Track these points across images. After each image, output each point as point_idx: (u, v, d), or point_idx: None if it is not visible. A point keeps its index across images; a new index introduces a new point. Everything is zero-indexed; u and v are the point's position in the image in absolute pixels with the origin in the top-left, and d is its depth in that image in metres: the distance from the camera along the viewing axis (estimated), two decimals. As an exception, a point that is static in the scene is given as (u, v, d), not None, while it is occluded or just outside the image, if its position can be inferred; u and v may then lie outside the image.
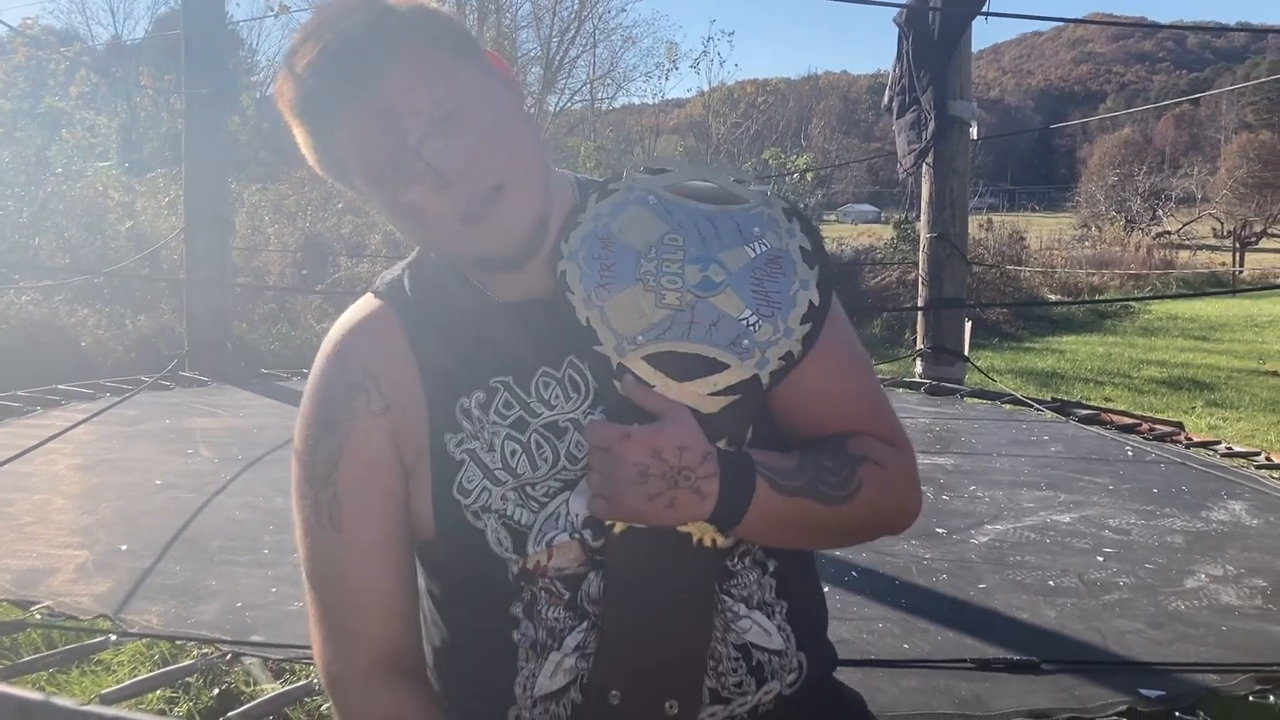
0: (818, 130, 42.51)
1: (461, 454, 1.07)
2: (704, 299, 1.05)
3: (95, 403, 6.13)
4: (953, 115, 7.50)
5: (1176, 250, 37.34)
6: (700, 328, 1.05)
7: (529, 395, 1.08)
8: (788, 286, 1.08)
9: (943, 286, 7.82)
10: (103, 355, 9.58)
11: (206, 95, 6.45)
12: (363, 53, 1.00)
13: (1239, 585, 3.63)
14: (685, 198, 1.11)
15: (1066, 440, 5.90)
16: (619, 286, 1.05)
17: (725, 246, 1.08)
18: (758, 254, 1.08)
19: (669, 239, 1.07)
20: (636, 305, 1.05)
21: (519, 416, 1.07)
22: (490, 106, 1.04)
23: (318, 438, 1.10)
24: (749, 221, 1.10)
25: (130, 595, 3.27)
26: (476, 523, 1.06)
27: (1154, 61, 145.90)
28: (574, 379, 1.09)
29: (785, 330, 1.07)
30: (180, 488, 4.47)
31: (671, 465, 0.99)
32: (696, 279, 1.06)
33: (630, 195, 1.10)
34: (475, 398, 1.08)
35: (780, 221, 1.11)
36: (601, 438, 1.01)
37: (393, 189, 1.03)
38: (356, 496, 1.09)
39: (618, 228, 1.07)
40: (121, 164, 17.51)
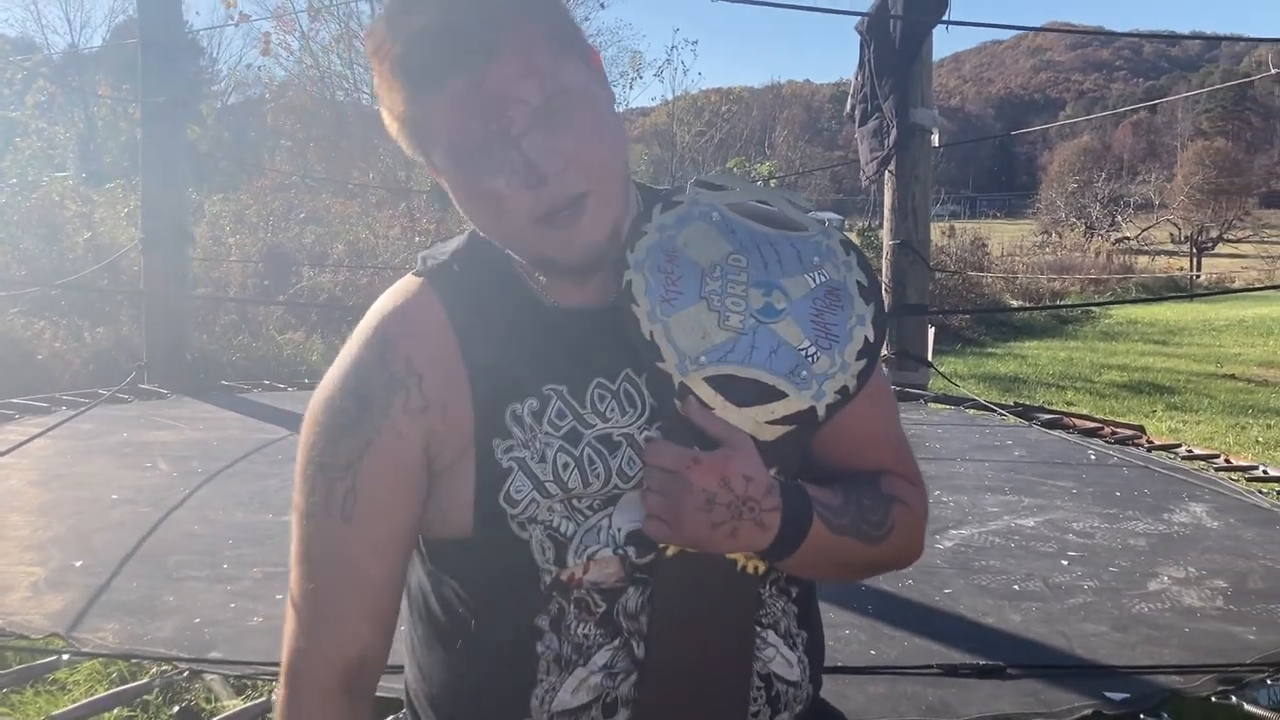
0: (781, 139, 42.74)
1: (510, 461, 1.02)
2: (766, 325, 1.05)
3: (50, 417, 6.03)
4: (914, 123, 7.56)
5: (1135, 255, 37.83)
6: (761, 353, 1.04)
7: (583, 406, 1.05)
8: (846, 320, 1.07)
9: (906, 293, 7.87)
10: (60, 368, 9.41)
11: (163, 104, 6.37)
12: (481, 26, 0.96)
13: (1201, 587, 3.66)
14: (747, 218, 1.10)
15: (1029, 445, 5.94)
16: (683, 303, 1.04)
17: (787, 273, 1.07)
18: (817, 284, 1.07)
19: (733, 259, 1.06)
20: (700, 324, 1.03)
21: (572, 427, 1.04)
22: (592, 108, 1.01)
23: (346, 426, 1.05)
24: (809, 250, 1.10)
25: (85, 613, 3.21)
26: (521, 533, 1.03)
27: (1111, 70, 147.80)
28: (629, 393, 1.06)
29: (842, 365, 1.06)
30: (137, 502, 4.40)
31: (738, 495, 0.98)
32: (759, 304, 1.05)
33: (694, 210, 1.09)
34: (529, 405, 1.04)
35: (838, 253, 1.11)
36: (669, 460, 0.99)
37: (477, 172, 0.99)
38: (375, 494, 1.04)
39: (683, 241, 1.06)
40: (79, 174, 17.27)
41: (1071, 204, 50.03)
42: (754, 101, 48.22)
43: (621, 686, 1.03)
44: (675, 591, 1.03)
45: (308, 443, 1.07)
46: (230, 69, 30.64)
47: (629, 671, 1.03)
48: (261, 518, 4.21)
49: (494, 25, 0.96)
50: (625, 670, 1.03)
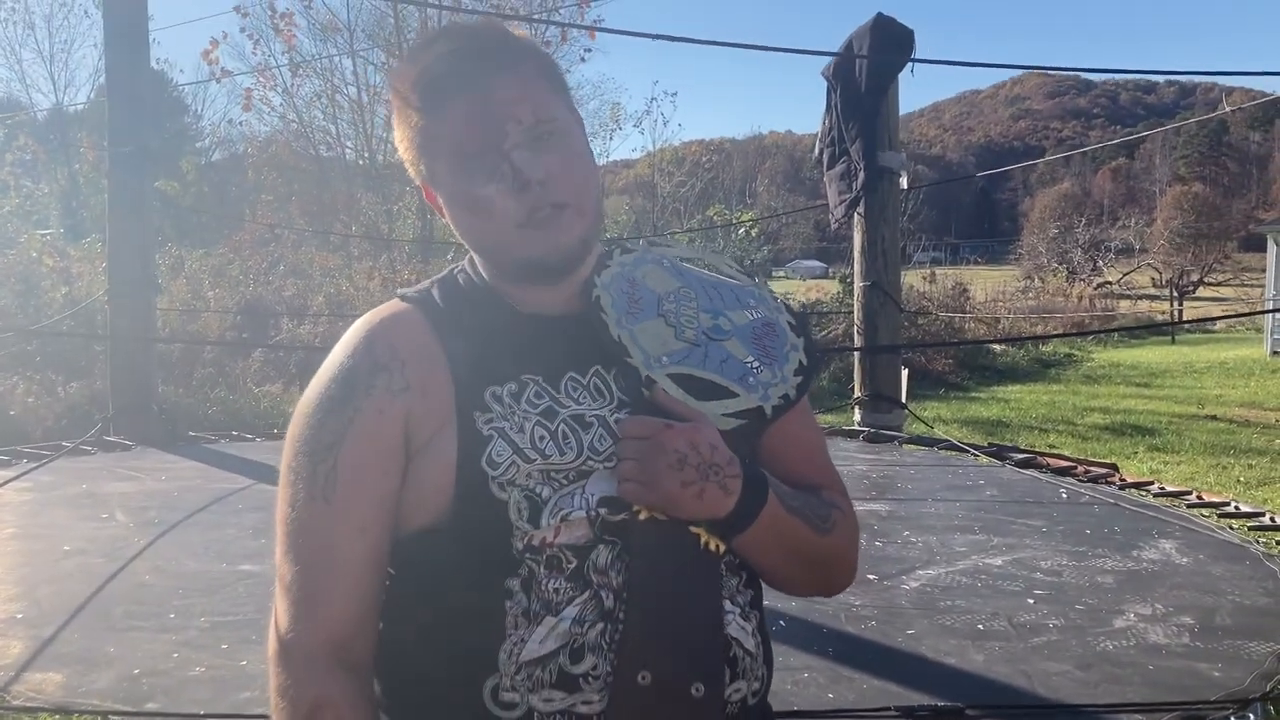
0: (763, 188, 43.06)
1: (490, 430, 1.10)
2: (715, 341, 1.21)
3: (11, 470, 5.94)
4: (882, 165, 7.59)
5: (1118, 300, 38.06)
6: (714, 361, 1.19)
7: (558, 391, 1.15)
8: (782, 346, 1.24)
9: (878, 334, 7.86)
10: (34, 423, 9.33)
11: (130, 152, 6.35)
12: (489, 56, 1.15)
13: (1167, 624, 3.60)
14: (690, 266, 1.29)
15: (1002, 484, 5.90)
16: (645, 318, 1.19)
17: (729, 307, 1.25)
18: (756, 318, 1.25)
19: (683, 291, 1.24)
20: (660, 334, 1.18)
21: (548, 406, 1.13)
22: (575, 140, 1.18)
23: (329, 410, 1.12)
24: (745, 294, 1.28)
25: (25, 666, 3.12)
26: (500, 494, 1.09)
27: (1089, 118, 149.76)
28: (599, 386, 1.17)
29: (782, 377, 1.22)
30: (89, 553, 4.31)
31: (705, 459, 1.09)
32: (709, 324, 1.22)
33: (647, 255, 1.28)
34: (508, 388, 1.13)
35: (769, 300, 1.29)
36: (643, 428, 1.10)
37: (473, 178, 1.13)
38: (356, 472, 1.10)
39: (640, 275, 1.23)
40: (60, 230, 17.28)
41: (1053, 249, 50.42)
42: (736, 152, 48.60)
43: (589, 633, 1.07)
44: (646, 550, 1.10)
45: (293, 435, 1.14)
46: (213, 125, 30.79)
47: (596, 621, 1.07)
48: (215, 567, 4.13)
49: (499, 56, 1.15)
50: (593, 620, 1.07)
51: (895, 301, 8.00)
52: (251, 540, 4.47)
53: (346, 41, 20.10)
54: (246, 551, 4.32)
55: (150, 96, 7.00)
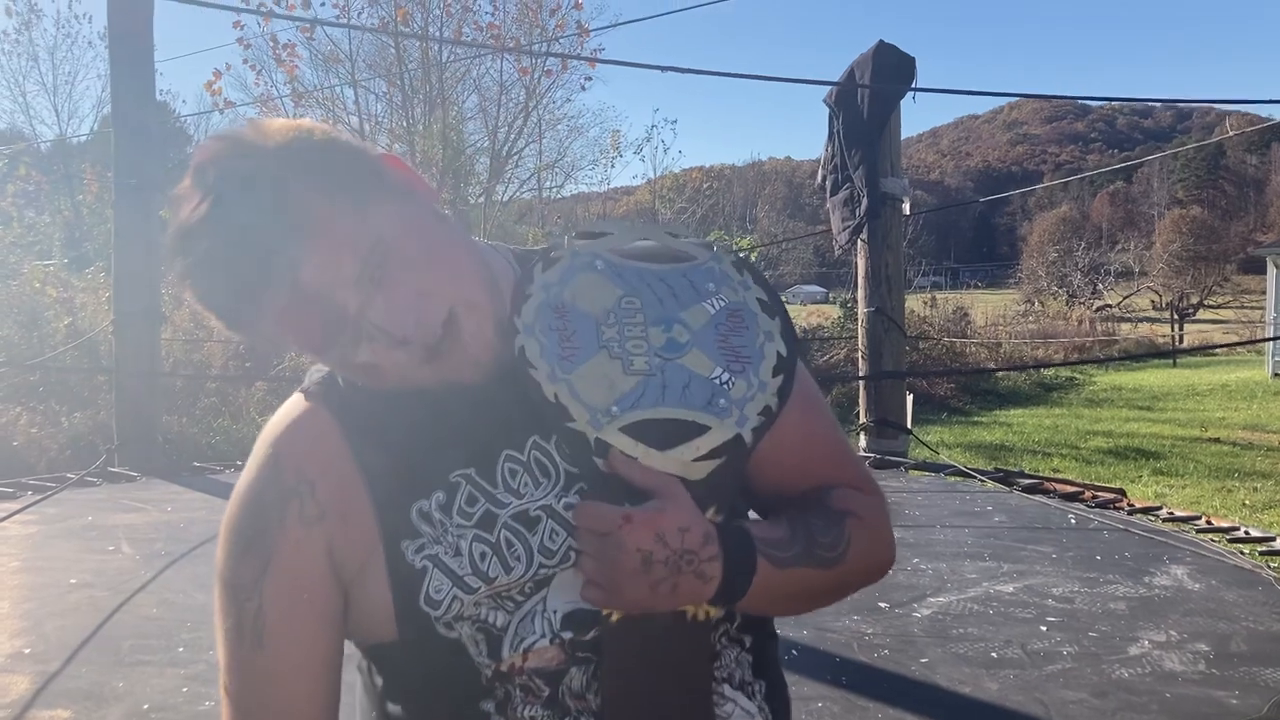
0: (763, 213, 43.24)
1: (424, 561, 0.97)
2: (672, 361, 1.00)
3: (16, 502, 5.92)
4: (885, 192, 7.62)
5: (1118, 323, 38.13)
6: (673, 391, 0.99)
7: (494, 485, 0.99)
8: (753, 340, 1.03)
9: (882, 360, 7.86)
10: (37, 454, 9.33)
11: (135, 185, 6.39)
12: (264, 240, 0.90)
13: (1182, 651, 3.58)
14: (632, 259, 1.05)
15: (1009, 510, 5.88)
16: (583, 357, 0.98)
17: (684, 305, 1.03)
18: (717, 309, 1.04)
19: (625, 302, 1.02)
20: (605, 374, 0.98)
21: (485, 511, 0.98)
22: (416, 237, 0.96)
23: (245, 547, 1.00)
24: (701, 277, 1.06)
25: (30, 703, 3.10)
26: (449, 633, 0.98)
27: (1087, 142, 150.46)
28: (540, 462, 1.01)
29: (759, 385, 1.02)
30: (96, 586, 4.29)
31: (674, 550, 0.92)
32: (661, 341, 1.00)
33: (576, 261, 1.04)
34: (435, 499, 0.98)
35: (733, 275, 1.07)
36: (598, 521, 0.93)
37: (341, 354, 0.95)
38: (283, 612, 0.99)
39: (570, 296, 1.01)
40: (63, 261, 17.31)
41: (1053, 273, 50.57)
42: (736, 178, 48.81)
43: None
44: (624, 658, 0.97)
45: (217, 563, 1.03)
46: (216, 155, 30.88)
47: None
48: (222, 600, 4.11)
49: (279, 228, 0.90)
50: None
51: (899, 327, 8.01)
52: (258, 572, 4.45)
53: (348, 72, 20.17)
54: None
55: (155, 129, 7.03)
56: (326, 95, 20.93)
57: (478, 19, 19.37)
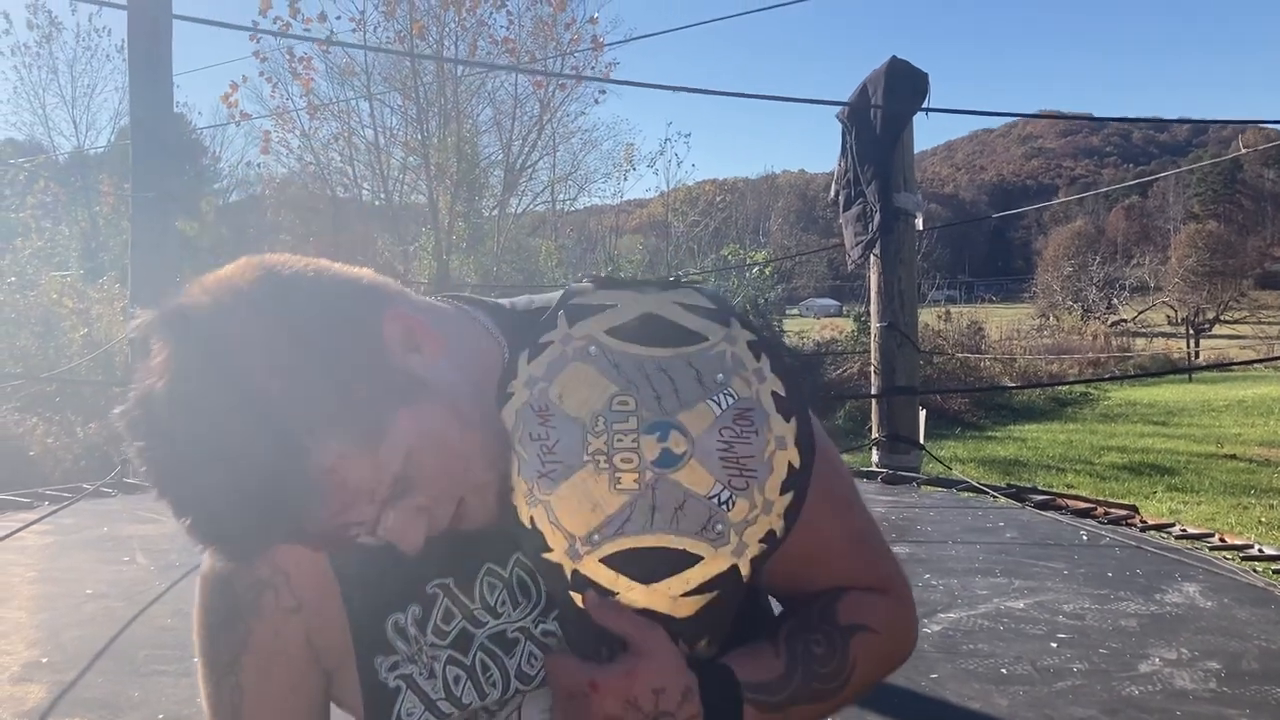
0: (776, 226, 43.26)
1: (396, 680, 0.93)
2: (665, 476, 0.88)
3: (32, 512, 5.97)
4: (898, 207, 7.64)
5: (1133, 338, 37.98)
6: (664, 514, 0.88)
7: (472, 600, 0.94)
8: (762, 447, 0.90)
9: (895, 375, 7.86)
10: (52, 464, 9.39)
11: (152, 198, 6.45)
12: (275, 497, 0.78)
13: (1193, 668, 3.57)
14: (632, 343, 0.93)
15: (1021, 526, 5.87)
16: (565, 473, 0.88)
17: (684, 404, 0.90)
18: (724, 409, 0.90)
19: (618, 403, 0.89)
20: (588, 494, 0.87)
21: (462, 629, 0.94)
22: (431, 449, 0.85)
23: (219, 627, 0.97)
24: (710, 365, 0.92)
25: (47, 712, 3.13)
26: None
27: (1102, 156, 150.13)
28: (523, 580, 0.95)
29: (764, 504, 0.90)
30: (111, 597, 4.33)
31: (648, 714, 0.86)
32: (655, 453, 0.88)
33: (568, 349, 0.92)
34: (411, 613, 0.94)
35: (746, 361, 0.93)
36: (566, 680, 0.88)
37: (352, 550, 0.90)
38: (259, 694, 0.97)
39: (557, 395, 0.90)
40: (79, 271, 17.46)
41: (1067, 288, 50.42)
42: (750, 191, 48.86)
43: None
44: None
45: (194, 634, 1.00)
46: (231, 166, 31.14)
47: None
48: (236, 611, 4.15)
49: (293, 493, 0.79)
50: None
51: (912, 342, 8.02)
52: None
53: (364, 85, 20.31)
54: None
55: (173, 141, 7.10)
56: (342, 108, 21.06)
57: (493, 33, 19.54)
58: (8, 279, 13.56)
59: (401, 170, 22.26)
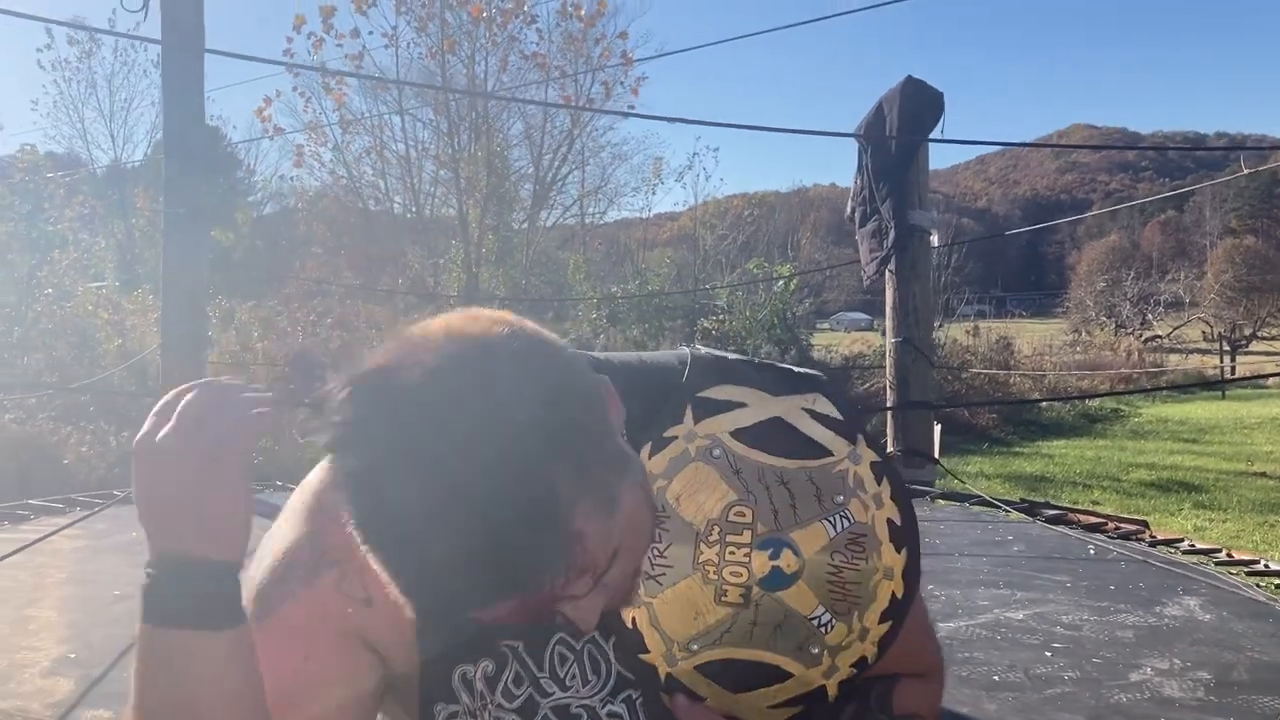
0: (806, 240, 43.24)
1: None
2: (770, 594, 0.89)
3: (64, 517, 6.17)
4: (913, 224, 7.73)
5: (1167, 354, 37.63)
6: (764, 629, 0.89)
7: (541, 668, 0.93)
8: (870, 575, 0.91)
9: (909, 390, 7.94)
10: (86, 472, 9.61)
11: (184, 214, 6.66)
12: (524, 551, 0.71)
13: (1184, 678, 3.65)
14: (756, 449, 0.92)
15: (1030, 540, 5.94)
16: (673, 579, 0.89)
17: (800, 522, 0.90)
18: (838, 532, 0.91)
19: (735, 514, 0.89)
20: (693, 602, 0.89)
21: (528, 697, 0.92)
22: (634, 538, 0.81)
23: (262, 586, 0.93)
24: (830, 484, 0.92)
25: (75, 704, 3.29)
26: None
27: (1137, 171, 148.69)
28: (594, 657, 0.94)
29: (860, 631, 0.91)
30: (138, 598, 4.49)
31: None
32: (765, 570, 0.89)
33: (691, 447, 0.91)
34: (482, 668, 0.92)
35: (868, 484, 0.93)
36: None
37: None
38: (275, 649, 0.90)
39: (674, 496, 0.90)
40: (115, 283, 17.80)
41: (1100, 303, 50.06)
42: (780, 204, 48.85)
43: None
44: None
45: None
46: (265, 180, 31.59)
47: None
48: (256, 612, 4.30)
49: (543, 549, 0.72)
50: None
51: (927, 358, 8.09)
52: (291, 587, 4.63)
53: (395, 99, 20.60)
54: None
55: (204, 157, 7.31)
56: (374, 122, 21.35)
57: (523, 48, 19.78)
58: (45, 290, 13.87)
59: (432, 184, 22.54)
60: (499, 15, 18.68)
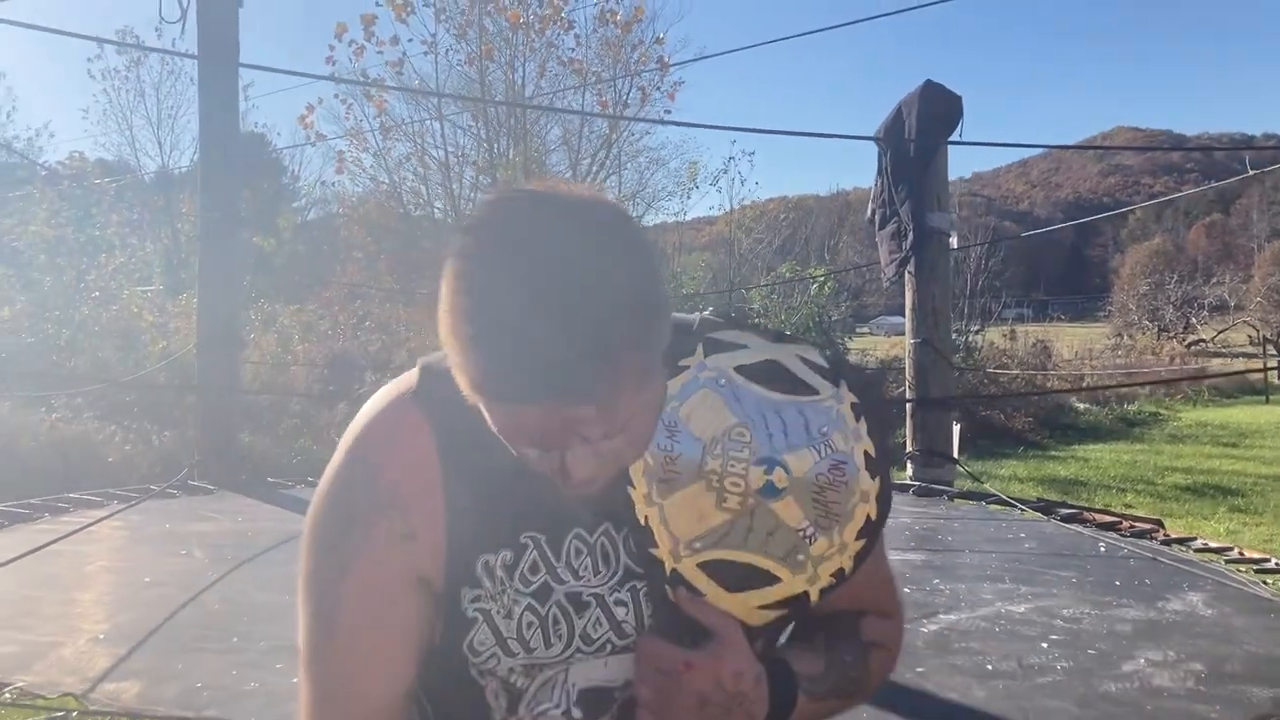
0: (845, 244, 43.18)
1: (475, 612, 1.02)
2: (765, 504, 1.02)
3: (104, 509, 6.40)
4: (931, 226, 7.80)
5: (1210, 358, 37.12)
6: (758, 536, 1.02)
7: (557, 560, 1.04)
8: (848, 498, 1.04)
9: (928, 390, 8.00)
10: (128, 470, 9.87)
11: (219, 218, 6.89)
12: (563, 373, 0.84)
13: (1175, 669, 3.72)
14: (755, 382, 1.06)
15: (1043, 537, 6.00)
16: (682, 483, 1.02)
17: (791, 446, 1.04)
18: (822, 457, 1.04)
19: (736, 433, 1.03)
20: (697, 506, 1.01)
21: (544, 583, 1.03)
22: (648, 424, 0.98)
23: (328, 547, 1.03)
24: (817, 418, 1.06)
25: (104, 677, 3.48)
26: (479, 679, 1.05)
27: (1182, 173, 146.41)
28: (605, 549, 1.05)
29: (840, 546, 1.04)
30: (167, 585, 4.70)
31: (729, 692, 1.01)
32: (760, 483, 1.02)
33: (701, 376, 1.05)
34: (502, 557, 1.02)
35: (848, 421, 1.07)
36: (661, 660, 1.01)
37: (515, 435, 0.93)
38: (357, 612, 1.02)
39: (685, 414, 1.03)
40: (160, 287, 18.18)
41: (1143, 306, 49.45)
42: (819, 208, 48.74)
43: None
44: None
45: (301, 555, 1.06)
46: (308, 186, 32.01)
47: None
48: (279, 599, 4.47)
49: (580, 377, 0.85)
50: None
51: (946, 359, 8.15)
52: (315, 576, 4.82)
53: (435, 106, 20.84)
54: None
55: (238, 167, 7.54)
56: (414, 128, 21.60)
57: (561, 54, 19.96)
58: (92, 293, 14.23)
59: (472, 189, 22.73)
60: (537, 21, 18.89)
